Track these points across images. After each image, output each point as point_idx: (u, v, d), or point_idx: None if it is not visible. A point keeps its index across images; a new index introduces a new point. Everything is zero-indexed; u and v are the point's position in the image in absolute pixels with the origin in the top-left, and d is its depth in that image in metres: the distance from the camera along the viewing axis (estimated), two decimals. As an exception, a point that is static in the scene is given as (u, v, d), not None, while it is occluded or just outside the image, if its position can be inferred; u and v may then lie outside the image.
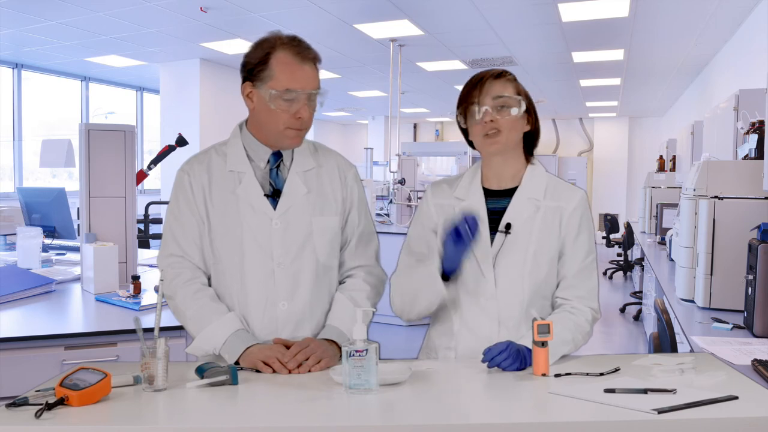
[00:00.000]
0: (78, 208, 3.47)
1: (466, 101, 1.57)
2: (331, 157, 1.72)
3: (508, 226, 1.56)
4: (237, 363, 1.49)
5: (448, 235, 1.48)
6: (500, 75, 1.57)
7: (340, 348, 1.51)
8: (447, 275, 1.55)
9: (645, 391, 1.25)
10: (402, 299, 1.63)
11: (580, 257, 1.59)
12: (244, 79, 1.57)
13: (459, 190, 1.64)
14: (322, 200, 1.65)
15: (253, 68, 1.54)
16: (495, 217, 1.59)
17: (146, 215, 6.20)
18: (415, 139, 15.33)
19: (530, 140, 1.64)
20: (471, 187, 1.63)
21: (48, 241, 3.63)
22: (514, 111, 1.54)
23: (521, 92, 1.58)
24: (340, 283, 1.71)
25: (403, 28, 6.32)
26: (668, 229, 4.86)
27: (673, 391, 1.25)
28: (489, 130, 1.54)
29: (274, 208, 1.59)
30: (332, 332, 1.58)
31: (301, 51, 1.53)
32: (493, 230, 1.58)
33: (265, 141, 1.61)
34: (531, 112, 1.60)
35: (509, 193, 1.61)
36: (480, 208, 1.59)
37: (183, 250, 1.62)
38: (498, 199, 1.61)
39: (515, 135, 1.58)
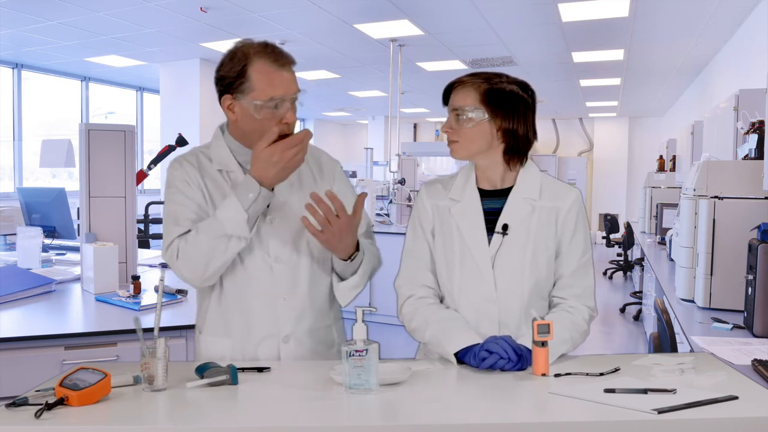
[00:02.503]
0: (78, 208, 3.47)
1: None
2: (316, 153, 1.74)
3: (505, 227, 1.56)
4: (263, 186, 1.48)
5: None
6: (462, 83, 1.56)
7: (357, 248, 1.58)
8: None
9: (645, 391, 1.25)
10: (418, 327, 1.60)
11: (576, 256, 1.59)
12: (222, 92, 1.56)
13: (454, 191, 1.63)
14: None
15: (232, 81, 1.52)
16: (491, 217, 1.59)
17: (146, 215, 6.20)
18: (415, 139, 15.33)
19: (513, 150, 1.57)
20: (466, 187, 1.63)
21: (48, 241, 3.63)
22: (469, 123, 1.54)
23: (485, 99, 1.53)
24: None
25: (403, 28, 6.32)
26: (668, 229, 4.86)
27: (673, 391, 1.25)
28: (450, 139, 1.58)
29: (267, 205, 1.60)
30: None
31: (278, 57, 1.53)
32: (490, 231, 1.58)
33: (250, 146, 1.60)
34: (501, 120, 1.54)
35: (504, 193, 1.60)
36: (476, 209, 1.60)
37: (187, 227, 1.56)
38: (493, 200, 1.60)
39: (476, 144, 1.55)
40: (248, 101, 1.52)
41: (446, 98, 1.61)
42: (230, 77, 1.52)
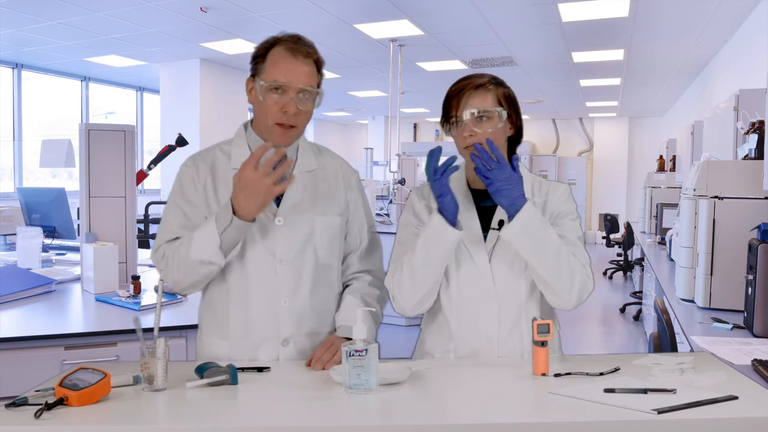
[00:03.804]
0: (78, 208, 3.47)
1: (446, 114, 1.57)
2: (334, 160, 1.74)
3: (501, 223, 1.56)
4: (236, 215, 1.45)
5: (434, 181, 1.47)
6: (479, 86, 1.54)
7: None
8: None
9: (645, 391, 1.25)
10: (404, 281, 1.54)
11: (570, 231, 1.57)
12: (251, 76, 1.59)
13: None
14: (324, 200, 1.66)
15: (255, 61, 1.57)
16: (485, 216, 1.59)
17: (146, 215, 6.19)
18: (415, 139, 15.34)
19: (513, 142, 1.61)
20: (457, 188, 1.61)
21: (48, 241, 3.63)
22: (494, 124, 1.53)
23: (502, 99, 1.55)
24: (345, 285, 1.72)
25: (403, 28, 6.32)
26: (668, 229, 4.86)
27: (673, 391, 1.25)
28: (469, 143, 1.53)
29: (277, 206, 1.60)
30: (349, 331, 1.54)
31: (295, 46, 1.55)
32: (485, 229, 1.58)
33: (267, 139, 1.62)
34: (514, 116, 1.58)
35: None
36: (469, 206, 1.60)
37: (177, 234, 1.59)
38: (485, 199, 1.60)
39: (499, 144, 1.55)
40: (259, 82, 1.54)
41: (446, 108, 1.58)
42: (255, 57, 1.58)
